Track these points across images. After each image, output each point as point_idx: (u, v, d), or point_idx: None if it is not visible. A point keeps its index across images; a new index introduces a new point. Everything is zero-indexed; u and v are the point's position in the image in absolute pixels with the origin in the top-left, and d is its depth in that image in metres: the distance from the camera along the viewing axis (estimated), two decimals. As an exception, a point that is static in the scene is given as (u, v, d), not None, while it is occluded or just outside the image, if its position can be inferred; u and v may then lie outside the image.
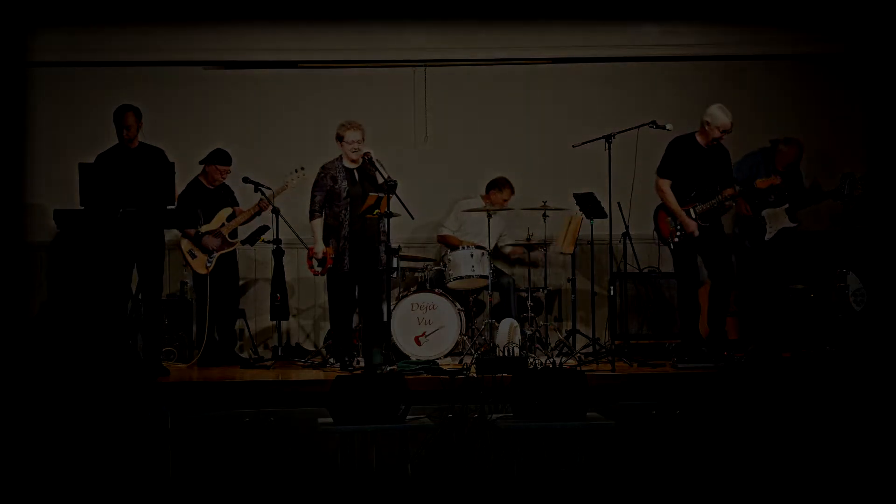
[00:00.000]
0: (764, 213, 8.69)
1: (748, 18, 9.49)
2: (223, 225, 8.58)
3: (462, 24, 9.55)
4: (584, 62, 9.71)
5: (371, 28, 9.52)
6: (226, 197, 8.74)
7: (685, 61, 9.70)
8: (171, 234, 8.70)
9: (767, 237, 8.69)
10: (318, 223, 8.10)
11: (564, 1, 9.48)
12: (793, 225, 8.71)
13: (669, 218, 8.12)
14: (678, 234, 8.04)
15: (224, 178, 8.69)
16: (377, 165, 7.99)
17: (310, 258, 8.16)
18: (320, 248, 8.07)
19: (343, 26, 9.52)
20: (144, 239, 7.72)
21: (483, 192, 9.19)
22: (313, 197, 8.13)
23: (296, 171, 8.46)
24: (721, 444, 6.55)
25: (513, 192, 9.04)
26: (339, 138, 8.07)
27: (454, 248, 8.66)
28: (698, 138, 8.12)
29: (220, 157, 8.61)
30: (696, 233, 7.98)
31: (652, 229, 8.52)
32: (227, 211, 8.63)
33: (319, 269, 8.15)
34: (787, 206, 8.71)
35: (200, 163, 8.59)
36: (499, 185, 9.07)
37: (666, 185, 8.09)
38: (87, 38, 9.37)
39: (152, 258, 7.89)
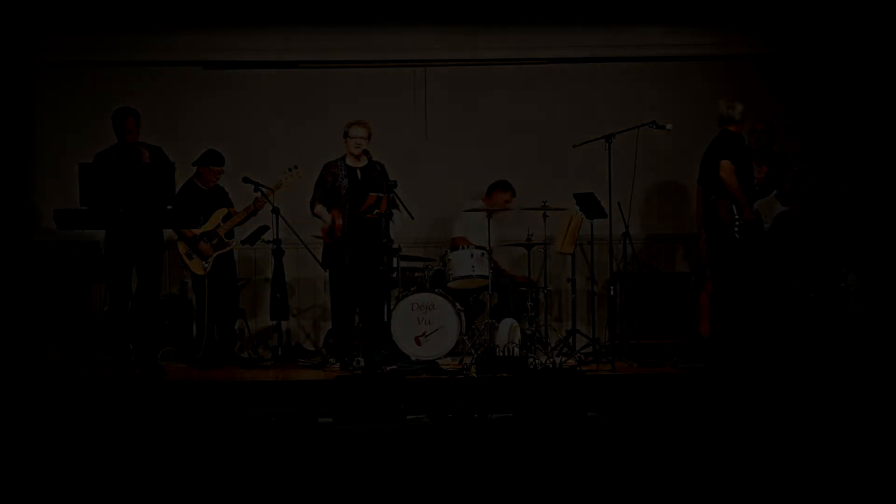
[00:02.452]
0: (755, 205, 8.61)
1: (746, 19, 9.52)
2: (219, 226, 8.58)
3: (462, 25, 9.56)
4: (584, 62, 9.71)
5: (371, 28, 9.52)
6: (220, 198, 8.73)
7: (686, 61, 9.70)
8: (167, 234, 8.69)
9: (766, 227, 8.63)
10: (320, 207, 8.10)
11: (564, 2, 9.49)
12: (786, 208, 8.67)
13: (728, 204, 8.03)
14: (737, 220, 7.97)
15: (218, 179, 8.69)
16: (379, 168, 8.03)
17: (326, 235, 8.10)
18: (327, 218, 8.03)
19: (343, 26, 9.52)
20: (143, 238, 7.71)
21: (484, 193, 9.18)
22: (315, 193, 8.18)
23: (289, 169, 8.46)
24: (720, 444, 6.55)
25: (514, 195, 9.03)
26: (345, 134, 8.12)
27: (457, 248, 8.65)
28: (738, 132, 8.16)
29: (212, 159, 8.61)
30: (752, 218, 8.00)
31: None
32: (223, 212, 8.63)
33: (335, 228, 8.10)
34: (774, 192, 8.67)
35: (193, 164, 8.59)
36: (502, 186, 9.07)
37: (731, 167, 7.98)
38: (88, 39, 9.38)
39: (152, 258, 7.89)
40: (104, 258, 8.03)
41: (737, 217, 7.95)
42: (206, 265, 8.49)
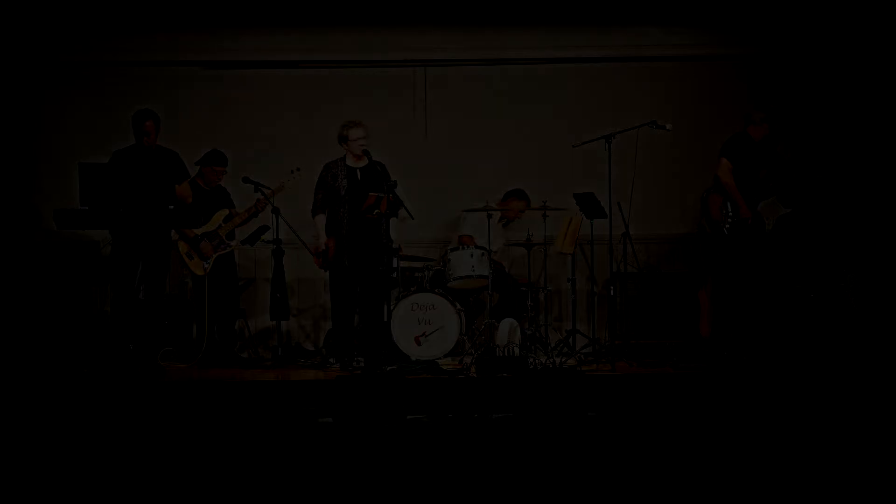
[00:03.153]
0: (760, 206, 8.63)
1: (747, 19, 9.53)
2: (220, 226, 8.57)
3: (462, 26, 9.56)
4: (584, 62, 9.71)
5: (372, 29, 9.53)
6: (222, 198, 8.73)
7: (686, 61, 9.70)
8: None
9: (768, 228, 8.65)
10: (320, 218, 8.16)
11: (564, 3, 9.49)
12: (788, 210, 8.68)
13: (722, 201, 8.09)
14: (730, 218, 8.00)
15: (221, 179, 8.69)
16: (379, 169, 8.04)
17: (315, 254, 8.21)
18: (323, 239, 8.13)
19: (343, 27, 9.52)
20: (150, 238, 7.71)
21: (488, 192, 9.16)
22: (315, 195, 8.19)
23: (292, 172, 8.46)
24: (720, 444, 6.55)
25: (529, 205, 8.99)
26: (343, 139, 8.11)
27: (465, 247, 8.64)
28: (752, 134, 8.17)
29: (216, 159, 8.61)
30: (750, 220, 7.99)
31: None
32: (224, 212, 8.63)
33: (324, 261, 8.20)
34: (774, 196, 8.69)
35: (196, 164, 8.58)
36: (518, 195, 9.04)
37: (728, 166, 8.10)
38: (89, 39, 9.38)
39: (158, 258, 7.88)
40: (110, 258, 8.02)
41: (730, 214, 7.99)
42: (207, 265, 8.49)
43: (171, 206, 7.85)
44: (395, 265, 8.25)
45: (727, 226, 8.04)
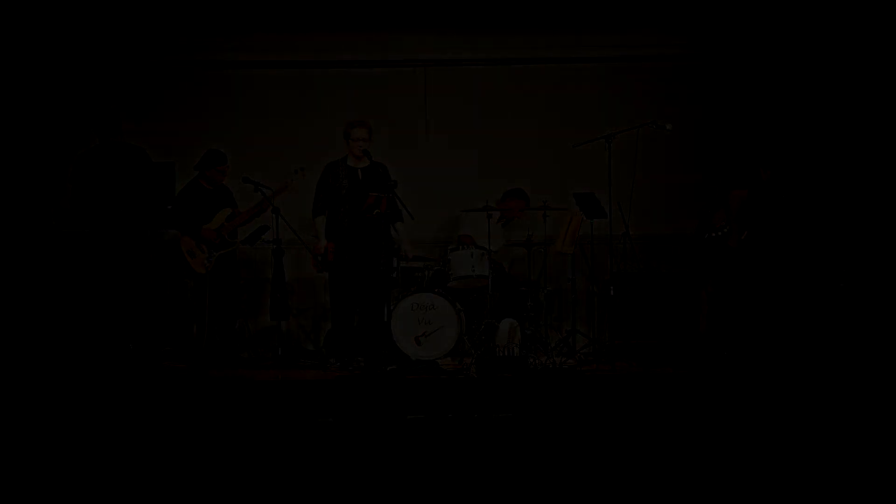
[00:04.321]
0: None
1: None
2: (222, 225, 8.57)
3: (463, 26, 9.56)
4: (583, 62, 9.71)
5: (372, 29, 9.53)
6: (225, 197, 8.72)
7: (687, 62, 9.71)
8: (172, 232, 8.68)
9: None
10: (321, 220, 8.18)
11: (564, 4, 9.50)
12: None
13: (726, 218, 8.21)
14: (719, 232, 8.11)
15: (224, 178, 8.68)
16: (381, 170, 8.05)
17: (314, 256, 8.22)
18: (322, 243, 8.14)
19: (345, 28, 9.53)
20: (125, 239, 7.73)
21: (483, 193, 9.16)
22: (316, 196, 8.20)
23: (296, 172, 8.46)
24: (720, 444, 6.55)
25: (528, 204, 9.00)
26: (347, 136, 8.13)
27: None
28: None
29: (215, 159, 8.59)
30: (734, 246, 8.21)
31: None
32: (227, 211, 8.63)
33: (321, 264, 8.21)
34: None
35: (196, 168, 8.54)
36: (518, 195, 9.04)
37: (743, 196, 8.31)
38: (89, 38, 9.38)
39: (134, 258, 7.89)
40: (96, 255, 8.03)
41: (721, 231, 8.08)
42: (208, 263, 8.47)
43: (170, 207, 7.86)
44: (395, 265, 8.25)
45: (713, 235, 8.15)
